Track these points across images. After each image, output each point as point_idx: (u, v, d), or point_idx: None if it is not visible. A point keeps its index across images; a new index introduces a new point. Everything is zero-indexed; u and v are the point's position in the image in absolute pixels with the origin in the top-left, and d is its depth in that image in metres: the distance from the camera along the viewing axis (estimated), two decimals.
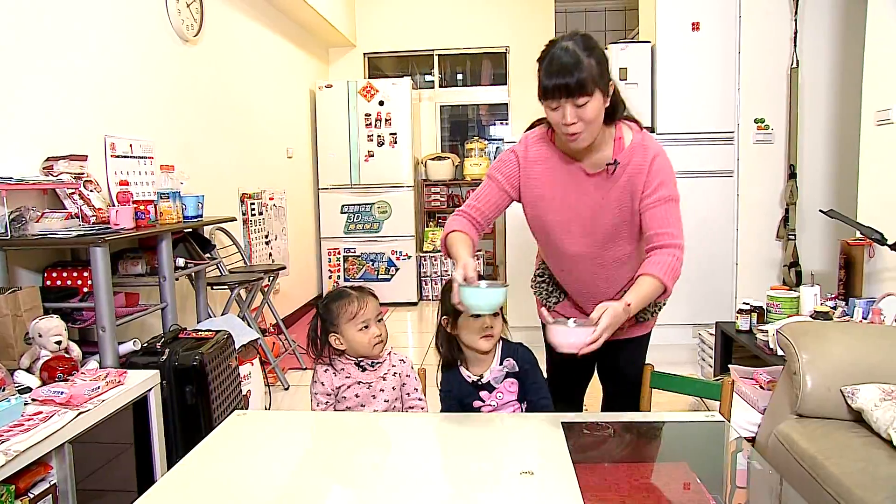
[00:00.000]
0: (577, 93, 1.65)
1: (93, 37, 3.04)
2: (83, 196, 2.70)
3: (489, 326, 1.80)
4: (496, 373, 1.86)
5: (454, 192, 7.01)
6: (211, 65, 4.21)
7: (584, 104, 1.67)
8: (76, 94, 2.92)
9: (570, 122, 1.70)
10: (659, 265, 1.71)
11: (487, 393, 1.85)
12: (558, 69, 1.66)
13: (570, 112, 1.68)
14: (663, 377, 2.05)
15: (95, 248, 2.38)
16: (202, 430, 2.43)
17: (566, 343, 1.57)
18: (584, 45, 1.67)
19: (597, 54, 1.68)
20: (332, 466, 1.50)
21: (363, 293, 1.88)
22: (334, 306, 1.86)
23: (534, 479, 1.37)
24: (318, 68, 6.75)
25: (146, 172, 3.34)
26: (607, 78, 1.71)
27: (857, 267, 3.13)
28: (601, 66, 1.68)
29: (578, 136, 1.73)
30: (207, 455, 1.55)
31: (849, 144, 3.98)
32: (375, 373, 1.88)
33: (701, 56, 4.39)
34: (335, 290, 1.93)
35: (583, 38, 1.71)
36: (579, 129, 1.71)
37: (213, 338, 2.69)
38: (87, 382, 2.09)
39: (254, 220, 4.81)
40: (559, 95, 1.67)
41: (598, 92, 1.68)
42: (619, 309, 1.58)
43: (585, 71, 1.64)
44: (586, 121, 1.70)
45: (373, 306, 1.86)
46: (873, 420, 1.92)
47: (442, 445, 1.62)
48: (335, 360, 1.88)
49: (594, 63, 1.66)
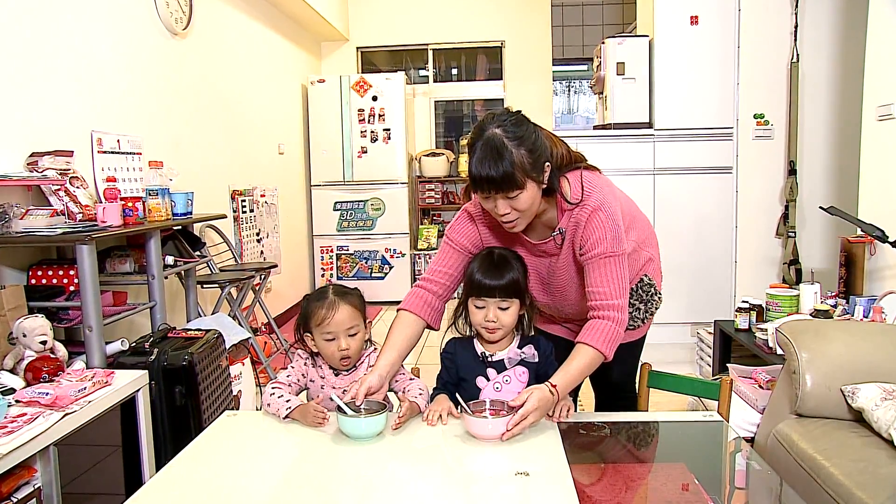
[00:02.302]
0: (506, 188, 1.60)
1: (79, 29, 3.02)
2: (69, 193, 2.68)
3: (491, 320, 1.75)
4: (512, 353, 1.80)
5: (449, 188, 7.01)
6: (200, 59, 4.19)
7: (517, 196, 1.62)
8: (62, 87, 2.91)
9: (502, 213, 1.67)
10: (597, 334, 1.69)
11: (495, 372, 1.79)
12: (484, 162, 1.60)
13: (501, 204, 1.65)
14: (661, 376, 2.05)
15: (82, 245, 2.36)
16: (192, 432, 2.42)
17: (484, 434, 1.57)
18: (514, 134, 1.61)
19: (528, 143, 1.62)
20: (324, 467, 1.50)
21: (342, 299, 1.79)
22: (310, 306, 1.81)
23: (529, 479, 1.37)
24: (310, 63, 6.74)
25: (134, 169, 3.32)
26: (542, 163, 1.66)
27: (858, 264, 3.14)
28: (534, 155, 1.62)
29: (514, 224, 1.71)
30: (197, 457, 1.55)
31: (850, 140, 3.99)
32: (350, 377, 1.84)
33: (699, 50, 4.40)
34: (321, 287, 1.87)
35: (514, 123, 1.63)
36: (514, 218, 1.68)
37: (202, 337, 2.67)
38: (73, 383, 2.08)
39: (245, 217, 4.79)
40: (487, 189, 1.63)
41: (531, 182, 1.63)
42: (546, 392, 1.59)
43: (515, 165, 1.58)
44: (520, 210, 1.66)
45: (344, 318, 1.77)
46: (874, 420, 1.92)
47: (436, 445, 1.61)
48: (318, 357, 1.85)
49: (524, 153, 1.60)
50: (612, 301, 1.70)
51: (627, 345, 2.06)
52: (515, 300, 1.76)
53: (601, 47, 4.79)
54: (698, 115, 4.43)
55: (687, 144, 4.42)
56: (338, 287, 1.86)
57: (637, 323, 2.03)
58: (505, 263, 1.77)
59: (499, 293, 1.74)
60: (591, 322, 1.72)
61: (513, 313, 1.77)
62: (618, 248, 1.72)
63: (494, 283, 1.74)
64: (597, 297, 1.72)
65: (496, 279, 1.74)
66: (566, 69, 8.51)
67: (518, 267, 1.79)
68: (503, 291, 1.74)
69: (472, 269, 1.80)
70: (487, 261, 1.78)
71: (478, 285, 1.76)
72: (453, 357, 1.86)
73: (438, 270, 1.91)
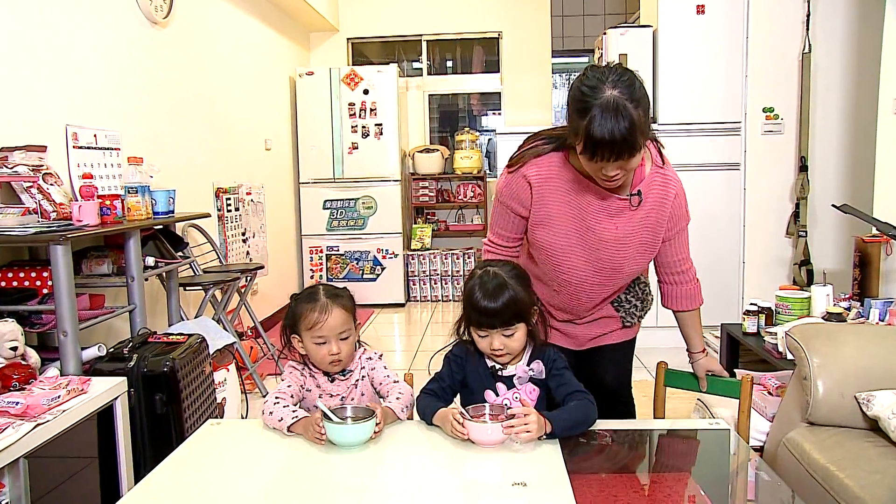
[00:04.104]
0: (630, 153, 1.61)
1: (52, 17, 3.00)
2: (42, 190, 2.67)
3: (497, 349, 1.73)
4: (521, 372, 1.79)
5: (443, 186, 7.00)
6: (182, 50, 4.18)
7: (630, 159, 1.64)
8: (34, 78, 2.89)
9: (612, 174, 1.67)
10: (689, 299, 2.04)
11: (505, 388, 1.78)
12: (608, 127, 1.57)
13: (613, 166, 1.65)
14: (677, 375, 2.07)
15: (56, 245, 2.34)
16: (173, 442, 2.40)
17: (483, 439, 1.57)
18: (631, 96, 1.59)
19: (644, 104, 1.62)
20: (313, 478, 1.49)
21: (333, 302, 1.77)
22: (299, 308, 1.79)
23: (527, 490, 1.36)
24: (299, 54, 6.72)
25: (112, 165, 3.31)
26: (650, 122, 1.69)
27: (873, 265, 3.14)
28: (648, 115, 1.64)
29: (618, 181, 1.72)
30: (178, 467, 1.54)
31: (864, 135, 3.99)
32: (346, 382, 1.83)
33: (706, 41, 4.40)
34: (310, 287, 1.85)
35: (628, 84, 1.61)
36: (621, 177, 1.70)
37: (185, 342, 2.66)
38: (45, 391, 2.06)
39: (230, 216, 4.78)
40: (609, 155, 1.61)
41: (643, 142, 1.66)
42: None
43: (637, 128, 1.59)
44: (629, 170, 1.69)
45: (336, 322, 1.75)
46: (891, 429, 1.91)
47: (429, 455, 1.60)
48: (309, 362, 1.83)
49: (641, 114, 1.60)
50: (689, 261, 2.02)
51: (620, 344, 2.10)
52: (520, 324, 1.73)
53: (603, 38, 4.79)
54: (705, 108, 4.43)
55: (693, 140, 4.42)
56: (328, 288, 1.83)
57: (633, 320, 2.07)
58: (500, 286, 1.71)
59: (500, 323, 1.71)
60: (684, 288, 2.02)
61: (519, 338, 1.74)
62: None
63: (493, 313, 1.70)
64: (682, 266, 1.99)
65: (493, 307, 1.69)
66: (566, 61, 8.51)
67: (516, 284, 1.73)
68: (504, 321, 1.70)
69: (468, 296, 1.75)
70: (482, 289, 1.72)
71: (477, 318, 1.73)
72: (462, 363, 1.83)
73: (503, 235, 2.00)
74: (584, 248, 1.88)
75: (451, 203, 6.98)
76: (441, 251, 6.60)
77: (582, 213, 1.85)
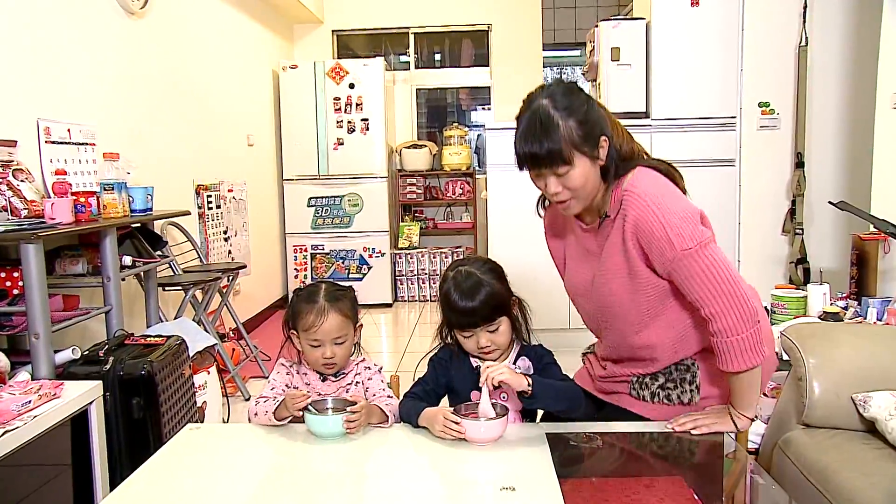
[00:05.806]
0: (553, 164, 1.60)
1: (22, 6, 2.98)
2: (12, 186, 2.65)
3: (484, 346, 1.73)
4: None
5: (431, 183, 7.00)
6: (160, 41, 4.15)
7: (567, 173, 1.61)
8: (2, 70, 2.86)
9: (553, 192, 1.66)
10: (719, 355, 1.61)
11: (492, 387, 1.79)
12: (528, 136, 1.60)
13: (552, 182, 1.63)
14: None
15: (27, 244, 2.33)
16: (151, 448, 2.39)
17: (477, 437, 1.58)
18: (564, 105, 1.59)
19: (578, 114, 1.60)
20: (297, 484, 1.48)
21: (332, 306, 1.77)
22: (298, 307, 1.81)
23: (515, 495, 1.36)
24: (282, 47, 6.70)
25: (87, 161, 3.28)
26: (597, 135, 1.63)
27: (871, 264, 3.16)
28: (585, 126, 1.60)
29: (567, 204, 1.69)
30: (156, 473, 1.52)
31: (862, 130, 4.01)
32: (338, 383, 1.85)
33: (700, 34, 4.40)
34: (312, 286, 1.84)
35: (564, 92, 1.62)
36: (566, 198, 1.66)
37: (163, 344, 2.66)
38: (15, 396, 2.04)
39: (211, 214, 4.76)
40: (534, 165, 1.62)
41: (582, 157, 1.61)
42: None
43: (563, 138, 1.57)
44: (571, 188, 1.64)
45: (332, 327, 1.76)
46: (888, 431, 1.92)
47: (415, 459, 1.60)
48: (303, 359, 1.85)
49: (573, 125, 1.58)
50: (711, 308, 1.58)
51: (629, 413, 1.98)
52: (502, 318, 1.73)
53: (595, 31, 4.80)
54: (699, 103, 4.44)
55: (686, 135, 4.43)
56: (330, 288, 1.84)
57: (643, 393, 1.94)
58: (476, 284, 1.71)
59: (482, 320, 1.71)
60: (714, 340, 1.62)
61: (504, 331, 1.75)
62: (691, 240, 1.59)
63: (473, 311, 1.70)
64: (701, 312, 1.61)
65: (472, 306, 1.69)
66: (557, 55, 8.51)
67: (491, 278, 1.73)
68: (485, 317, 1.71)
69: (445, 299, 1.75)
70: (458, 290, 1.71)
71: (457, 319, 1.74)
72: (447, 365, 1.84)
73: None
74: (579, 285, 1.89)
75: (440, 200, 6.98)
76: (429, 250, 6.60)
77: (570, 250, 1.89)
